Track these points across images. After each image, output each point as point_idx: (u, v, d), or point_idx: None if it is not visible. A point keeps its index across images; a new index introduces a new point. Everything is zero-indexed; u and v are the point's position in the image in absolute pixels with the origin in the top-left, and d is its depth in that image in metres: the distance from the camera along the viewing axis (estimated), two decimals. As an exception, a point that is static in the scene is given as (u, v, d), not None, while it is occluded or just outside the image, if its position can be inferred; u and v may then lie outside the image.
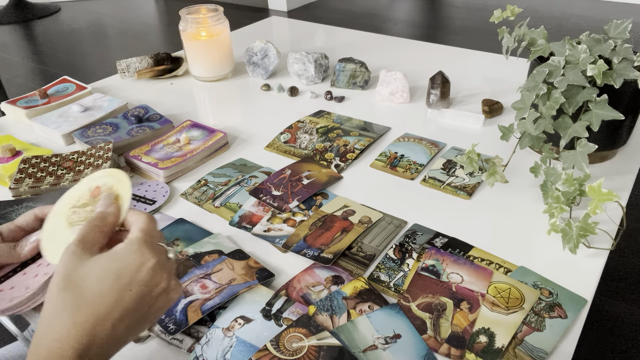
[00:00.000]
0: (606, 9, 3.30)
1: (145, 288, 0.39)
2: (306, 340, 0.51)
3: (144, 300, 0.40)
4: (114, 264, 0.39)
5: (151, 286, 0.40)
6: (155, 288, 0.40)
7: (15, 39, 3.34)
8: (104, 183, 0.53)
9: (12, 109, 1.00)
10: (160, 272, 0.40)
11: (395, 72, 1.00)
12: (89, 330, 0.37)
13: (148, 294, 0.40)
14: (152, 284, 0.40)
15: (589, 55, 0.66)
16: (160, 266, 0.41)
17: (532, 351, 0.50)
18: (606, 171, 0.77)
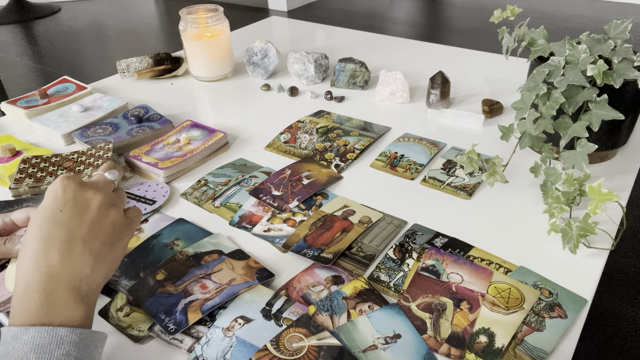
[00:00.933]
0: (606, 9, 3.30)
1: (74, 204, 0.46)
2: (306, 340, 0.51)
3: (83, 217, 0.46)
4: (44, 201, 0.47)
5: (79, 202, 0.47)
6: (86, 204, 0.47)
7: (15, 39, 3.34)
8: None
9: (12, 109, 1.00)
10: (83, 191, 0.48)
11: (395, 72, 1.00)
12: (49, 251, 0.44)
13: (81, 209, 0.47)
14: (81, 201, 0.47)
15: (589, 55, 0.66)
16: (81, 186, 0.48)
17: (532, 351, 0.50)
18: (606, 171, 0.77)
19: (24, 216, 0.56)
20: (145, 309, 0.55)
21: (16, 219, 0.56)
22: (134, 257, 0.63)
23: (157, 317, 0.54)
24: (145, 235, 0.67)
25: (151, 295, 0.57)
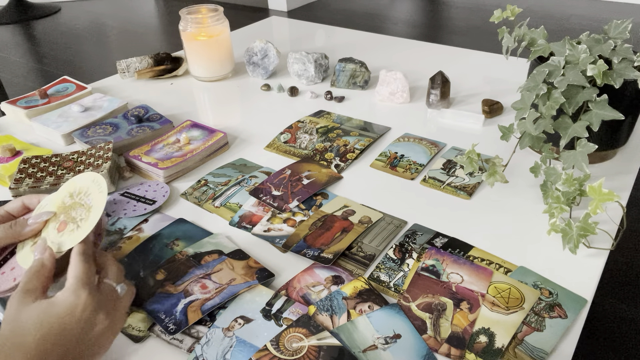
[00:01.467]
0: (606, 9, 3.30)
1: (84, 326, 0.45)
2: (306, 340, 0.51)
3: (85, 337, 0.45)
4: (53, 308, 0.45)
5: (89, 325, 0.46)
6: (94, 327, 0.46)
7: (15, 39, 3.34)
8: (87, 188, 0.55)
9: (12, 109, 1.00)
10: (96, 312, 0.46)
11: (395, 72, 1.00)
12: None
13: (88, 332, 0.46)
14: (90, 323, 0.46)
15: (589, 55, 0.66)
16: (97, 306, 0.47)
17: (532, 351, 0.50)
18: (606, 171, 0.77)
19: (18, 205, 0.57)
20: (145, 309, 0.55)
21: (11, 209, 0.57)
22: (134, 257, 0.63)
23: (157, 317, 0.54)
24: (145, 235, 0.67)
25: (151, 295, 0.57)
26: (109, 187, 0.75)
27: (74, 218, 0.54)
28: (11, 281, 0.53)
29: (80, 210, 0.54)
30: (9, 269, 0.55)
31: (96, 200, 0.54)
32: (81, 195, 0.56)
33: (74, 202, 0.55)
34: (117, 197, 0.75)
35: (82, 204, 0.55)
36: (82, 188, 0.56)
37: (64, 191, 0.57)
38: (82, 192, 0.56)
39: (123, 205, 0.73)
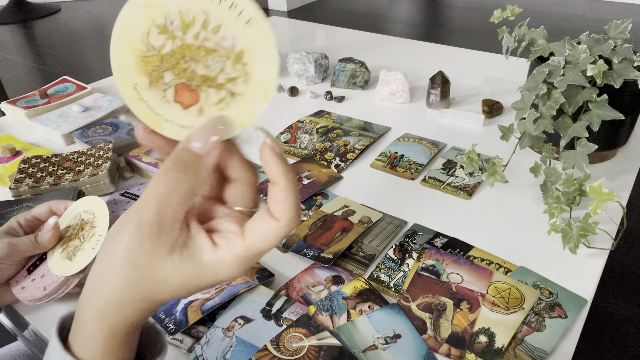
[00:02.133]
0: (606, 9, 3.30)
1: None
2: (306, 340, 0.51)
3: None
4: (196, 280, 0.31)
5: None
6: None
7: (15, 39, 3.34)
8: (88, 218, 0.54)
9: (12, 109, 1.00)
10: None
11: (395, 72, 1.00)
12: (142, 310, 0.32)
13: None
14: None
15: (589, 55, 0.66)
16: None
17: (532, 351, 0.50)
18: (606, 171, 0.77)
19: (45, 210, 0.57)
20: (145, 309, 0.55)
21: (38, 214, 0.57)
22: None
23: (157, 317, 0.54)
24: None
25: (151, 295, 0.57)
26: (108, 187, 0.76)
27: (82, 235, 0.53)
28: (41, 290, 0.52)
29: (88, 229, 0.54)
30: (39, 276, 0.54)
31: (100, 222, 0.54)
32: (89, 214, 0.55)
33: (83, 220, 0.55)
34: (117, 197, 0.75)
35: (89, 223, 0.54)
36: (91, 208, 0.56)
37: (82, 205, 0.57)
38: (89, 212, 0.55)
39: (123, 205, 0.73)
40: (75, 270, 0.51)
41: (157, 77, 0.31)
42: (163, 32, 0.30)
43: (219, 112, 0.32)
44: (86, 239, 0.53)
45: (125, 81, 0.31)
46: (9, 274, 0.54)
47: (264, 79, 0.30)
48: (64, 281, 0.52)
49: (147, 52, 0.30)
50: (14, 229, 0.55)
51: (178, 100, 0.31)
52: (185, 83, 0.31)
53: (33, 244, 0.53)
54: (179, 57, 0.30)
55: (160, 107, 0.31)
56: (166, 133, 0.32)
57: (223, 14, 0.29)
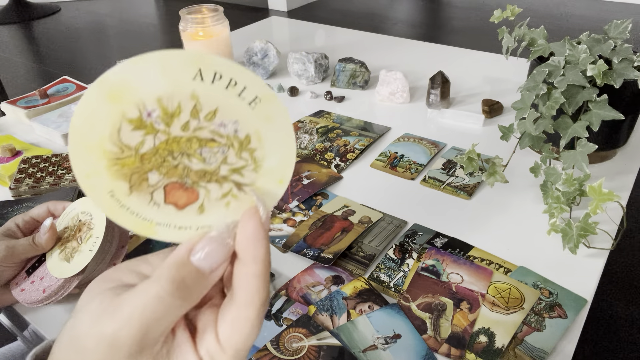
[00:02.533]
0: (606, 9, 3.30)
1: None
2: (306, 340, 0.51)
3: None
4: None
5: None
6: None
7: (15, 39, 3.34)
8: (86, 218, 0.53)
9: (12, 109, 1.00)
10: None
11: (395, 72, 1.00)
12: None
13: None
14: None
15: (589, 55, 0.66)
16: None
17: (532, 351, 0.50)
18: (606, 171, 0.77)
19: (43, 210, 0.57)
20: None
21: (36, 215, 0.57)
22: (134, 257, 0.63)
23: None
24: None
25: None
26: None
27: (80, 237, 0.53)
28: (41, 292, 0.52)
29: (85, 231, 0.53)
30: (39, 277, 0.54)
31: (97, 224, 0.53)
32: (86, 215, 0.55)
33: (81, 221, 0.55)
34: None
35: (86, 225, 0.54)
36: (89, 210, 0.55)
37: (80, 206, 0.56)
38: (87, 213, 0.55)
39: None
40: (73, 272, 0.51)
41: (140, 180, 0.25)
42: (139, 127, 0.24)
43: (225, 207, 0.26)
44: (83, 240, 0.53)
45: (96, 189, 0.25)
46: (8, 276, 0.54)
47: (279, 163, 0.26)
48: (63, 283, 0.52)
49: (121, 154, 0.24)
50: (12, 231, 0.55)
51: (170, 201, 0.26)
52: (178, 181, 0.25)
53: (31, 246, 0.53)
54: (165, 153, 0.25)
55: (148, 212, 0.26)
56: (160, 237, 0.26)
57: (219, 96, 0.24)
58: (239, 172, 0.26)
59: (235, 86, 0.24)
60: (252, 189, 0.26)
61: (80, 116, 0.23)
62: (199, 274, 0.25)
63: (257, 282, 0.25)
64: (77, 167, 0.24)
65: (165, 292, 0.24)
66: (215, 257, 0.25)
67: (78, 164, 0.24)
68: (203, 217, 0.26)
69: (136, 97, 0.23)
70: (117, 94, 0.23)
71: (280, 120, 0.25)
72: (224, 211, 0.26)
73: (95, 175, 0.24)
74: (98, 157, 0.24)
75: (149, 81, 0.23)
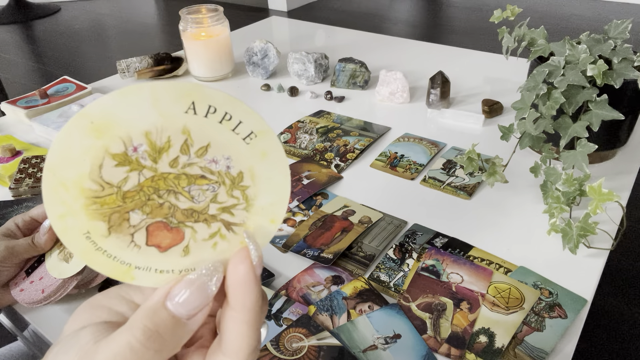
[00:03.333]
0: (606, 9, 3.30)
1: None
2: (306, 340, 0.51)
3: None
4: None
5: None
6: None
7: (15, 39, 3.34)
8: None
9: (12, 109, 1.00)
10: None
11: (395, 72, 1.00)
12: None
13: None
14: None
15: (589, 55, 0.66)
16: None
17: (532, 351, 0.50)
18: (606, 171, 0.77)
19: (43, 211, 0.57)
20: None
21: (36, 215, 0.57)
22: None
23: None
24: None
25: (151, 296, 0.57)
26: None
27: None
28: (40, 292, 0.52)
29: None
30: (38, 278, 0.54)
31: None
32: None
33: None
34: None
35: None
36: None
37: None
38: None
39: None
40: (72, 272, 0.51)
41: (120, 220, 0.23)
42: (123, 163, 0.22)
43: (212, 248, 0.24)
44: None
45: (70, 231, 0.23)
46: (7, 276, 0.54)
47: (272, 202, 0.24)
48: (62, 283, 0.52)
49: (101, 192, 0.22)
50: (12, 231, 0.55)
51: (153, 243, 0.24)
52: (162, 221, 0.23)
53: (30, 246, 0.53)
54: (150, 191, 0.23)
55: (127, 255, 0.24)
56: (137, 282, 0.24)
57: (212, 131, 0.22)
58: (229, 211, 0.24)
59: (229, 120, 0.22)
60: (244, 229, 0.24)
61: (57, 151, 0.21)
62: (175, 321, 0.23)
63: (246, 329, 0.23)
64: (50, 207, 0.22)
65: (137, 342, 0.22)
66: (194, 303, 0.23)
67: (52, 204, 0.22)
68: (187, 260, 0.24)
69: (122, 130, 0.21)
70: (101, 128, 0.21)
71: (276, 156, 0.24)
72: (210, 253, 0.24)
73: (71, 216, 0.22)
74: (75, 196, 0.22)
75: (137, 114, 0.21)
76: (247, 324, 0.23)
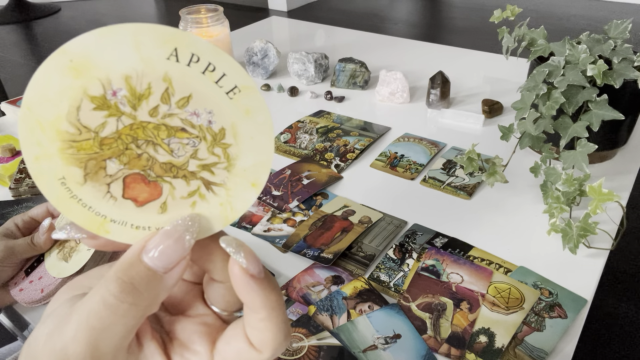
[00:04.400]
0: (606, 9, 3.30)
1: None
2: (306, 340, 0.51)
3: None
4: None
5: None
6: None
7: (15, 39, 3.34)
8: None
9: (12, 109, 1.00)
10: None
11: (395, 72, 1.00)
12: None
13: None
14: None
15: (589, 55, 0.66)
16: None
17: (532, 351, 0.50)
18: (606, 171, 0.77)
19: (42, 211, 0.57)
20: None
21: (35, 215, 0.57)
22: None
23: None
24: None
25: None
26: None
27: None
28: (39, 292, 0.52)
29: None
30: (37, 277, 0.54)
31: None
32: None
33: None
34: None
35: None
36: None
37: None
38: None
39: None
40: (71, 272, 0.51)
41: (96, 167, 0.22)
42: (101, 107, 0.21)
43: (190, 207, 0.23)
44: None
45: (45, 174, 0.22)
46: (6, 276, 0.54)
47: (254, 164, 0.24)
48: (61, 283, 0.52)
49: (78, 136, 0.21)
50: (11, 231, 0.55)
51: (129, 196, 0.23)
52: (140, 173, 0.22)
53: (30, 246, 0.53)
54: (129, 140, 0.22)
55: (102, 206, 0.23)
56: (112, 237, 0.23)
57: (194, 81, 0.21)
58: (209, 169, 0.23)
59: (213, 72, 0.21)
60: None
61: (35, 88, 0.20)
62: (151, 274, 0.22)
63: (267, 325, 0.23)
64: (26, 148, 0.21)
65: (110, 295, 0.21)
66: (170, 256, 0.22)
67: (27, 144, 0.21)
68: (164, 217, 0.23)
69: (101, 72, 0.20)
70: (80, 68, 0.20)
71: (260, 117, 0.22)
72: (188, 212, 0.23)
73: (46, 159, 0.21)
74: (51, 138, 0.21)
75: (118, 56, 0.20)
76: (265, 320, 0.23)
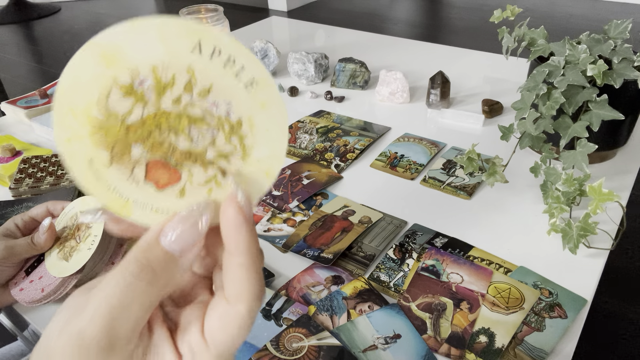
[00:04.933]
0: (606, 9, 3.30)
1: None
2: (306, 340, 0.51)
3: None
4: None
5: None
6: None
7: (15, 39, 3.34)
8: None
9: (12, 109, 1.00)
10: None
11: (395, 72, 1.00)
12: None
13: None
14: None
15: (589, 55, 0.66)
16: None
17: (532, 351, 0.50)
18: (606, 171, 0.77)
19: (42, 210, 0.57)
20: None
21: (35, 215, 0.57)
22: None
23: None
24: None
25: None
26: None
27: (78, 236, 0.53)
28: (39, 291, 0.52)
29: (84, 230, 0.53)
30: (37, 277, 0.54)
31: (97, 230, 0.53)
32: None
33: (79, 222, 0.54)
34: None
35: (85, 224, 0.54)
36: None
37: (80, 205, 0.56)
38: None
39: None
40: (72, 271, 0.51)
41: (122, 151, 0.24)
42: (129, 94, 0.23)
43: (207, 194, 0.25)
44: (82, 239, 0.53)
45: (76, 155, 0.24)
46: (7, 275, 0.54)
47: (269, 155, 0.24)
48: (61, 282, 0.52)
49: (107, 121, 0.23)
50: (12, 231, 0.56)
51: (151, 178, 0.24)
52: (161, 160, 0.24)
53: (30, 246, 0.53)
54: (152, 127, 0.23)
55: (125, 187, 0.24)
56: (134, 218, 0.25)
57: (215, 73, 0.22)
58: (226, 158, 0.24)
59: (233, 65, 0.22)
60: (233, 175, 0.24)
61: (69, 77, 0.22)
62: (168, 256, 0.23)
63: (245, 273, 0.23)
64: (59, 131, 0.23)
65: (129, 274, 0.22)
66: (186, 239, 0.23)
67: (60, 128, 0.23)
68: (182, 201, 0.25)
69: (130, 62, 0.22)
70: (111, 58, 0.22)
71: (275, 110, 0.23)
72: (205, 198, 0.25)
73: (77, 141, 0.23)
74: (82, 123, 0.23)
75: (145, 47, 0.22)
76: (245, 267, 0.23)
